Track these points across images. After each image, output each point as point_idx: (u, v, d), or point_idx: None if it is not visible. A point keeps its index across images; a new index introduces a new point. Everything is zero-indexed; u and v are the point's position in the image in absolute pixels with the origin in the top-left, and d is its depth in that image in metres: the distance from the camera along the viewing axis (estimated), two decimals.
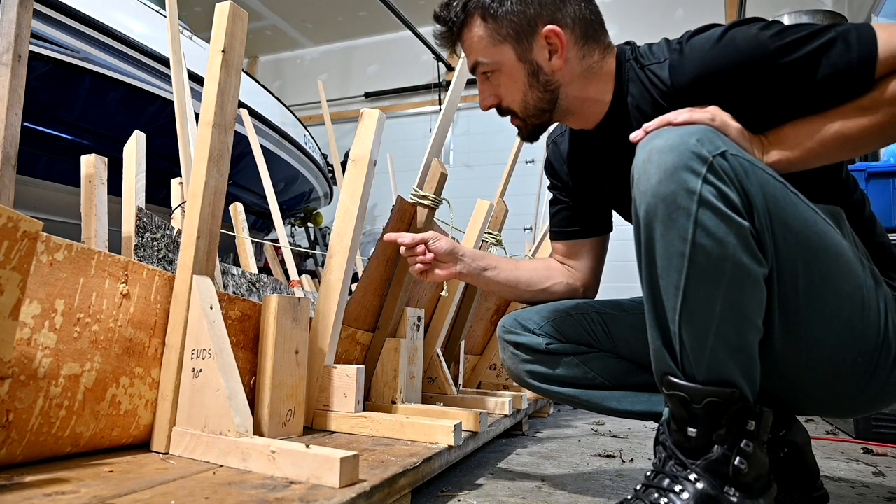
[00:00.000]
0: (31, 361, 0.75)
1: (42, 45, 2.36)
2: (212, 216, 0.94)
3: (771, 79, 0.82)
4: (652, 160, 0.74)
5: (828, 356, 0.80)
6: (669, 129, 0.77)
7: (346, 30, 6.64)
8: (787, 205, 0.76)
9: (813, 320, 0.78)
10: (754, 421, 0.74)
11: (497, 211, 1.99)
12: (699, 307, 0.73)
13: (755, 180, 0.74)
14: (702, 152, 0.72)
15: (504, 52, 0.95)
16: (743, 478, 0.73)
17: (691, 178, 0.71)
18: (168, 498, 0.66)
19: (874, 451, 1.59)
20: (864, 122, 0.79)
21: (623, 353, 1.08)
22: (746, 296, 0.73)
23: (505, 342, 1.10)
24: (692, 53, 0.87)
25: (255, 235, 4.22)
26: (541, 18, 0.93)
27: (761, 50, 0.81)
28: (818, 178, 0.87)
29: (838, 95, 0.80)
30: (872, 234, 0.92)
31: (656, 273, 0.76)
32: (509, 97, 0.99)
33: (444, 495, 1.03)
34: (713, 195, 0.71)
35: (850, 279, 0.79)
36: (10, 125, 0.85)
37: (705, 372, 0.74)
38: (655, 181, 0.73)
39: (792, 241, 0.75)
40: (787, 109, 0.83)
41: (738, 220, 0.72)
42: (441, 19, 1.00)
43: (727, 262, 0.71)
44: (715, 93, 0.84)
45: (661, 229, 0.74)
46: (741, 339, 0.74)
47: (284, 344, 1.04)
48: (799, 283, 0.76)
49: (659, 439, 0.79)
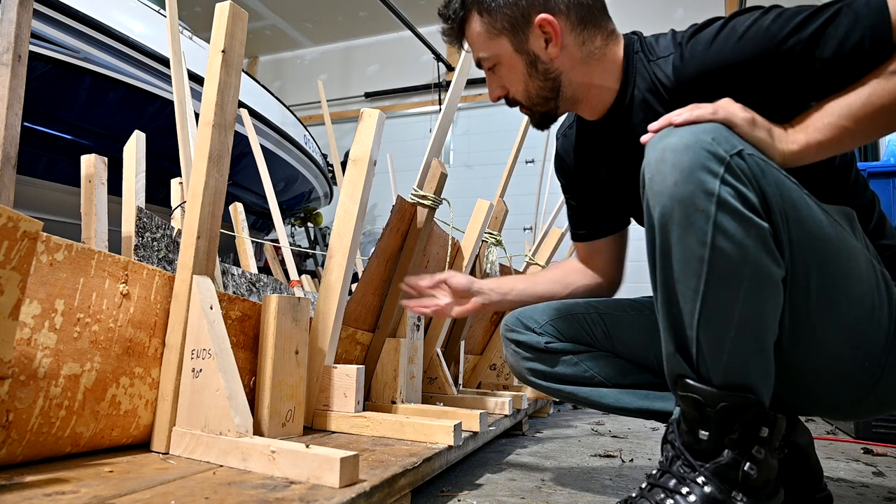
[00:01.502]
0: (31, 361, 0.75)
1: (42, 45, 2.36)
2: (212, 216, 0.94)
3: (779, 64, 0.78)
4: (666, 160, 0.71)
5: (836, 358, 0.79)
6: (683, 127, 0.74)
7: (346, 30, 6.64)
8: (801, 206, 0.74)
9: (823, 322, 0.77)
10: (768, 427, 0.73)
11: (497, 211, 1.99)
12: (718, 312, 0.71)
13: (772, 180, 0.71)
14: (718, 152, 0.69)
15: (501, 45, 0.96)
16: (751, 483, 0.72)
17: (709, 178, 0.69)
18: (168, 498, 0.66)
19: (874, 451, 1.59)
20: (894, 87, 0.72)
21: (622, 353, 1.08)
22: (766, 299, 0.71)
23: (507, 340, 1.11)
24: (695, 49, 0.85)
25: (255, 235, 4.22)
26: (534, 8, 0.93)
27: (762, 35, 0.78)
28: (828, 180, 0.86)
29: (859, 67, 0.74)
30: (882, 236, 0.90)
31: (673, 277, 0.73)
32: (513, 88, 0.99)
33: (445, 495, 1.03)
34: (732, 196, 0.69)
35: (862, 282, 0.77)
36: (10, 125, 0.85)
37: (722, 376, 0.72)
38: (671, 182, 0.70)
39: (805, 243, 0.73)
40: (807, 93, 0.78)
41: (758, 222, 0.69)
42: (443, 16, 1.01)
43: (747, 265, 0.69)
44: (722, 87, 0.80)
45: (678, 232, 0.71)
46: (760, 342, 0.72)
47: (284, 344, 1.04)
48: (811, 285, 0.75)
49: (667, 438, 0.78)
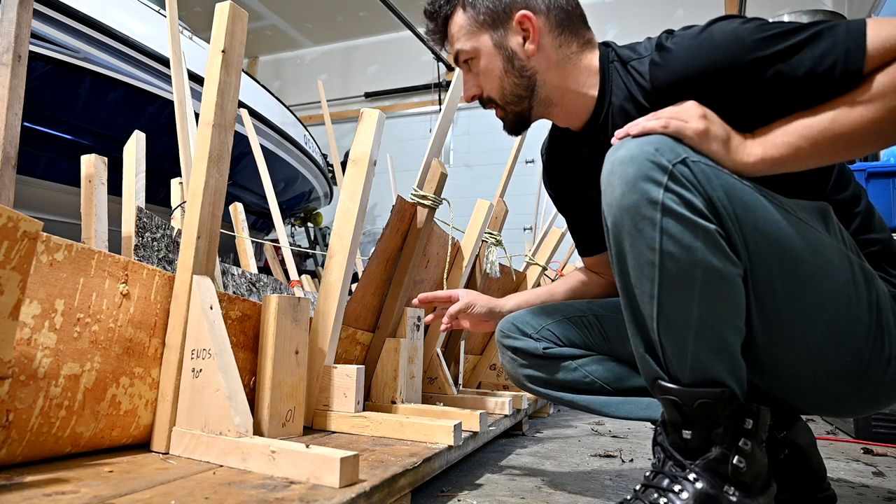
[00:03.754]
0: (31, 361, 0.75)
1: (42, 45, 2.37)
2: (212, 216, 0.94)
3: (747, 75, 0.78)
4: (615, 172, 0.75)
5: (815, 355, 0.79)
6: (630, 140, 0.76)
7: (346, 30, 6.64)
8: (755, 207, 0.74)
9: (794, 320, 0.77)
10: (752, 419, 0.74)
11: (497, 211, 1.99)
12: (675, 313, 0.73)
13: (718, 185, 0.73)
14: (661, 161, 0.72)
15: (481, 40, 0.98)
16: (742, 476, 0.73)
17: (652, 188, 0.72)
18: (168, 498, 0.66)
19: (874, 451, 1.58)
20: (856, 117, 0.72)
21: (621, 356, 1.07)
22: (722, 298, 0.73)
23: (503, 347, 1.10)
24: (672, 52, 0.84)
25: (255, 235, 4.22)
26: (515, 5, 0.95)
27: (738, 44, 0.78)
28: (804, 176, 0.84)
29: (827, 90, 0.74)
30: (868, 229, 0.88)
31: (631, 283, 0.76)
32: (488, 85, 1.00)
33: (444, 495, 1.03)
34: (675, 203, 0.71)
35: (833, 277, 0.77)
36: (10, 125, 0.85)
37: (690, 375, 0.74)
38: (619, 193, 0.74)
39: (763, 242, 0.74)
40: (774, 107, 0.78)
41: (704, 224, 0.71)
42: (429, 14, 1.03)
43: (697, 266, 0.71)
44: (696, 91, 0.81)
45: (629, 240, 0.74)
46: (721, 341, 0.74)
47: (284, 344, 1.04)
48: (775, 283, 0.75)
49: (657, 440, 0.80)
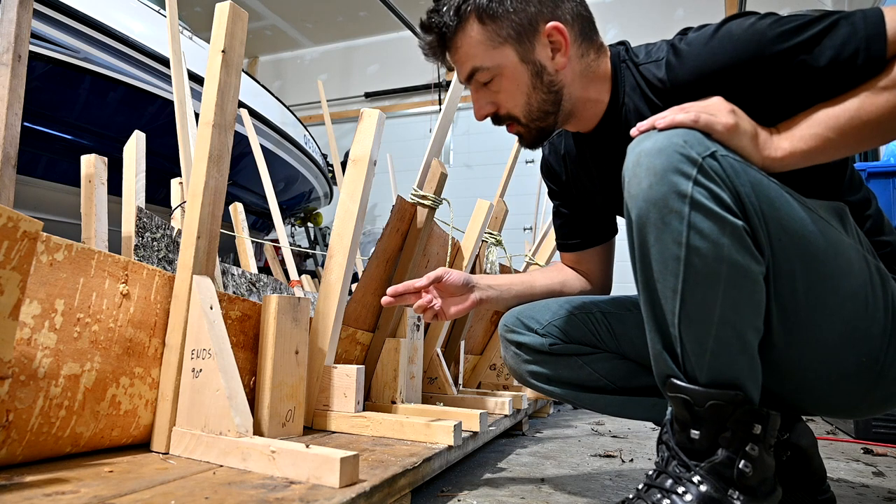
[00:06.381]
0: (31, 361, 0.75)
1: (42, 45, 2.36)
2: (212, 216, 0.94)
3: (772, 67, 0.78)
4: (641, 164, 0.73)
5: (831, 356, 0.79)
6: (656, 132, 0.75)
7: (346, 30, 6.64)
8: (781, 204, 0.74)
9: (813, 320, 0.77)
10: (761, 425, 0.73)
11: (497, 211, 1.99)
12: (698, 310, 0.72)
13: (746, 180, 0.72)
14: (691, 154, 0.71)
15: (505, 55, 0.90)
16: (747, 481, 0.72)
17: (682, 180, 0.70)
18: (168, 498, 0.66)
19: (874, 451, 1.58)
20: (882, 103, 0.73)
21: (628, 354, 1.05)
22: (745, 296, 0.72)
23: (507, 341, 1.08)
24: (689, 50, 0.84)
25: (255, 235, 4.22)
26: (541, 16, 0.89)
27: (758, 38, 0.78)
28: (822, 176, 0.86)
29: (850, 79, 0.75)
30: (880, 232, 0.89)
31: (653, 277, 0.75)
32: (510, 102, 0.94)
33: (444, 495, 1.03)
34: (705, 197, 0.70)
35: (853, 278, 0.77)
36: (10, 125, 0.85)
37: (707, 374, 0.73)
38: (646, 185, 0.72)
39: (787, 240, 0.74)
40: (798, 99, 0.78)
41: (732, 220, 0.70)
42: (430, 27, 0.94)
43: (723, 263, 0.70)
44: (717, 87, 0.81)
45: (654, 233, 0.73)
46: (742, 340, 0.73)
47: (284, 344, 1.04)
48: (797, 282, 0.75)
49: (662, 438, 0.79)
